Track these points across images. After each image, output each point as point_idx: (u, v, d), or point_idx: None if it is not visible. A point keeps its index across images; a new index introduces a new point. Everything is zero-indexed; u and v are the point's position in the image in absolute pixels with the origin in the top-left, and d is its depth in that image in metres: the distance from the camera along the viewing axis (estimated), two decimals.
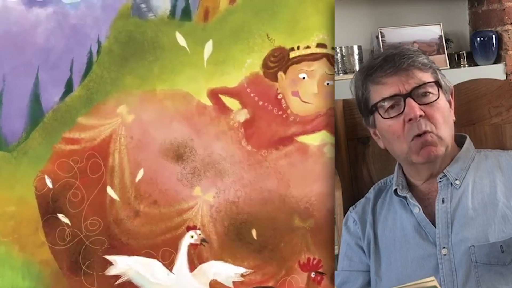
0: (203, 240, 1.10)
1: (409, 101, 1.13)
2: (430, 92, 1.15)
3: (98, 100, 1.09)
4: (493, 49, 2.62)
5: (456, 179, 1.15)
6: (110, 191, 1.09)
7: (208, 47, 1.10)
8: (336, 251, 1.12)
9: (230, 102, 1.11)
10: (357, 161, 1.39)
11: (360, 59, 2.51)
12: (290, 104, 1.10)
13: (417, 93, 1.14)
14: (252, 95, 1.10)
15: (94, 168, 1.09)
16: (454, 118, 1.21)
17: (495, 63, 2.66)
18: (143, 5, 1.10)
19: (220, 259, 1.11)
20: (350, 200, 1.32)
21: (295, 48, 1.11)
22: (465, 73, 2.54)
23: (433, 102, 1.15)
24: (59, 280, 1.09)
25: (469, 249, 1.08)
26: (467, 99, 1.36)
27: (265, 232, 1.11)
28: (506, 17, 2.58)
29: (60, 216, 1.09)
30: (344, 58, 2.50)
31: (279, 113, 1.11)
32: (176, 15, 1.10)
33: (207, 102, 1.10)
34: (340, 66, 2.49)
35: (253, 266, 1.11)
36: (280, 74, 1.10)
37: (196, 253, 1.10)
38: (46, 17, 1.09)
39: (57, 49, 1.09)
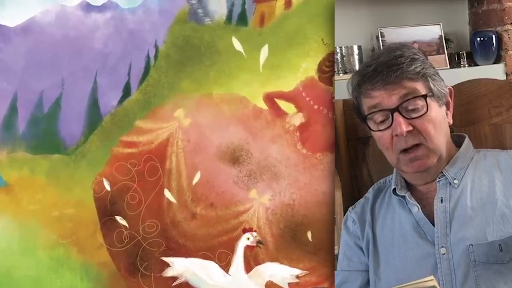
0: (259, 242, 1.11)
1: (396, 116, 1.12)
2: (418, 105, 1.14)
3: (155, 104, 1.11)
4: (493, 49, 2.62)
5: (455, 179, 1.15)
6: (167, 193, 1.10)
7: (264, 52, 1.11)
8: (336, 251, 1.14)
9: (286, 106, 1.12)
10: (357, 161, 1.39)
11: (360, 59, 2.51)
12: None
13: (405, 107, 1.13)
14: (307, 99, 1.12)
15: (152, 171, 1.10)
16: (451, 122, 1.20)
17: (495, 63, 2.65)
18: (200, 10, 1.11)
19: (275, 260, 1.12)
20: (350, 200, 1.32)
21: None
22: (465, 73, 2.53)
23: (422, 115, 1.14)
24: (117, 281, 1.10)
25: (468, 248, 1.08)
26: (467, 99, 1.35)
27: (320, 234, 1.12)
28: (506, 17, 2.59)
29: (118, 218, 1.10)
30: (344, 58, 2.50)
31: (334, 116, 1.12)
32: (232, 20, 1.12)
33: (263, 106, 1.12)
34: (340, 66, 2.49)
35: (308, 267, 1.12)
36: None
37: (252, 254, 1.11)
38: (104, 22, 1.10)
39: (115, 54, 1.10)
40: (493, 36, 2.62)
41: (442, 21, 2.66)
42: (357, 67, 2.45)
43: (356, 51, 2.52)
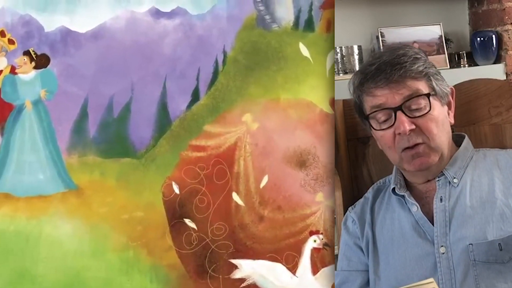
0: (325, 245, 1.13)
1: (399, 114, 1.13)
2: (421, 104, 1.14)
3: (224, 109, 1.13)
4: (493, 49, 2.61)
5: (454, 178, 1.16)
6: (235, 197, 1.12)
7: (330, 57, 1.13)
8: (335, 251, 1.16)
9: None
10: (357, 161, 1.39)
11: (360, 59, 2.50)
12: None
13: (408, 106, 1.13)
14: None
15: (220, 175, 1.12)
16: (452, 121, 1.21)
17: (495, 63, 2.63)
18: (267, 17, 1.13)
19: None
20: (350, 200, 1.32)
21: None
22: (465, 73, 2.50)
23: (425, 114, 1.14)
24: (186, 283, 1.12)
25: (467, 248, 1.08)
26: (467, 99, 1.35)
27: None
28: (506, 17, 2.58)
29: (187, 221, 1.12)
30: (344, 58, 2.50)
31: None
32: (299, 26, 1.13)
33: (329, 110, 1.14)
34: (340, 66, 2.48)
35: None
36: None
37: (319, 257, 1.13)
38: (173, 28, 1.12)
39: (184, 59, 1.12)
40: (493, 36, 2.61)
41: (442, 21, 2.65)
42: (357, 67, 2.43)
43: (356, 51, 2.52)
